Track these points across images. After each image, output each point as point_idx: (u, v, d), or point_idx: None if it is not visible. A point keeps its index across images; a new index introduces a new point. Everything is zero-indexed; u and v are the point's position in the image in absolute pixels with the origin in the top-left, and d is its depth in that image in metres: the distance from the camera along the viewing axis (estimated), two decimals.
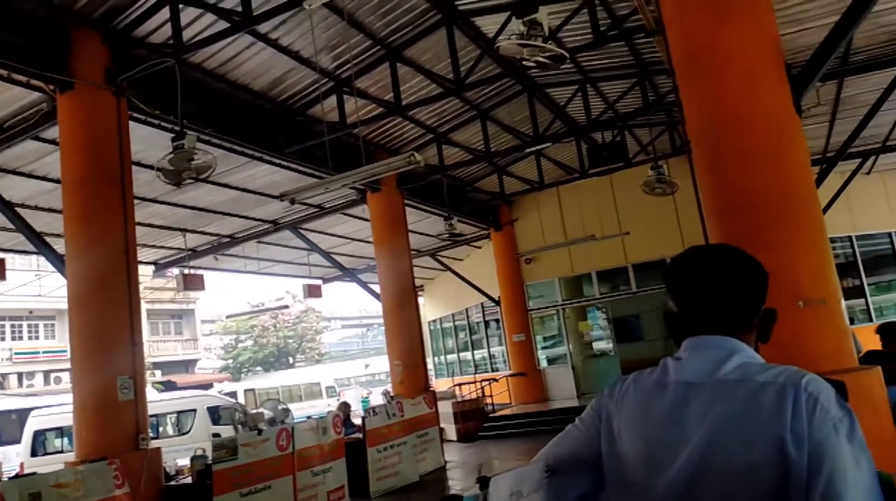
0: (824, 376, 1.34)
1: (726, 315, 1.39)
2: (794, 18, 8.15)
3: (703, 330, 1.41)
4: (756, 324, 1.43)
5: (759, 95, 4.39)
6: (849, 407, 1.25)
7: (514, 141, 13.56)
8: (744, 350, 1.36)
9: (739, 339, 1.39)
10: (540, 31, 5.52)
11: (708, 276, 1.41)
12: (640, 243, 15.27)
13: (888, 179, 15.17)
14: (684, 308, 1.45)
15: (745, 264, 1.43)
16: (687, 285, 1.44)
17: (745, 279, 1.41)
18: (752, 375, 1.30)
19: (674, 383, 1.38)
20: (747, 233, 4.35)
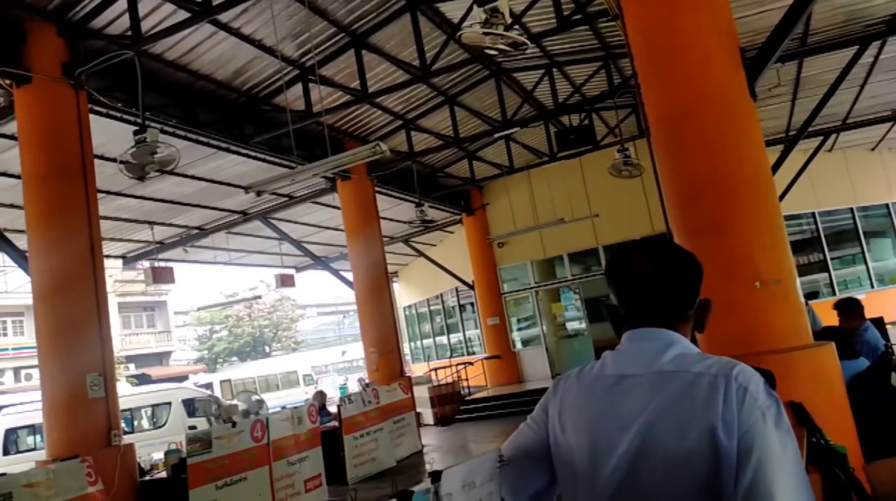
0: (754, 365, 1.42)
1: (663, 308, 1.45)
2: (754, 0, 8.27)
3: (641, 323, 1.47)
4: (692, 315, 1.49)
5: (714, 81, 4.47)
6: (776, 396, 1.33)
7: (483, 126, 13.59)
8: (680, 342, 1.42)
9: (677, 330, 1.45)
10: (501, 18, 5.54)
11: (644, 270, 1.46)
12: (610, 224, 15.44)
13: (849, 155, 15.52)
14: (623, 301, 1.51)
15: (679, 258, 1.49)
16: (625, 279, 1.49)
17: (680, 273, 1.47)
18: (687, 366, 1.36)
19: (614, 375, 1.44)
20: (706, 216, 4.46)
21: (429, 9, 9.47)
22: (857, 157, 15.65)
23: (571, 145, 11.79)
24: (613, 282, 1.53)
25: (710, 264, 4.49)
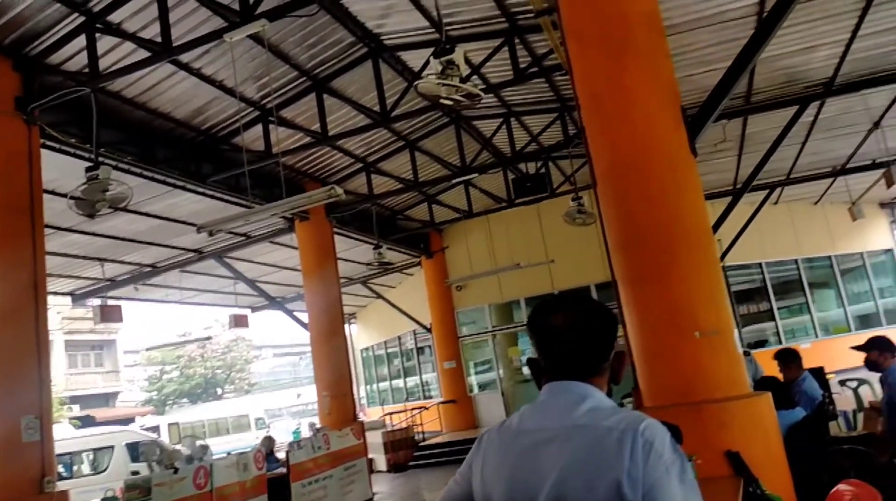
0: (663, 420, 1.47)
1: (579, 361, 1.50)
2: (702, 60, 8.68)
3: (559, 376, 1.51)
4: (607, 368, 1.54)
5: (657, 137, 4.66)
6: (681, 451, 1.38)
7: (442, 171, 13.79)
8: (594, 395, 1.47)
9: (593, 383, 1.50)
10: (456, 70, 5.71)
11: (561, 324, 1.51)
12: (566, 270, 15.67)
13: (794, 209, 16.16)
14: (542, 354, 1.56)
15: (595, 311, 1.54)
16: (543, 332, 1.54)
17: (595, 326, 1.52)
18: (599, 420, 1.40)
19: (531, 430, 1.48)
20: (647, 267, 4.59)
21: (390, 56, 9.67)
22: (801, 210, 16.31)
23: (527, 192, 12.04)
24: (533, 335, 1.58)
25: (651, 314, 4.62)
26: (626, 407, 7.63)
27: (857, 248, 16.91)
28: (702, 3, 7.43)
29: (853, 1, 7.53)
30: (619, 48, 4.76)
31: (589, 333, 1.51)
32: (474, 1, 8.23)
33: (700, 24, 7.87)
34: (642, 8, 4.82)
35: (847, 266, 16.91)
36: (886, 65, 9.00)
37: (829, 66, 9.05)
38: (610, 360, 1.53)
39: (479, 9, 8.46)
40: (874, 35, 8.24)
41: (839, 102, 10.06)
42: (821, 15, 7.77)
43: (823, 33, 8.23)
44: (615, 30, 4.79)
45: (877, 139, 11.29)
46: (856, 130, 11.40)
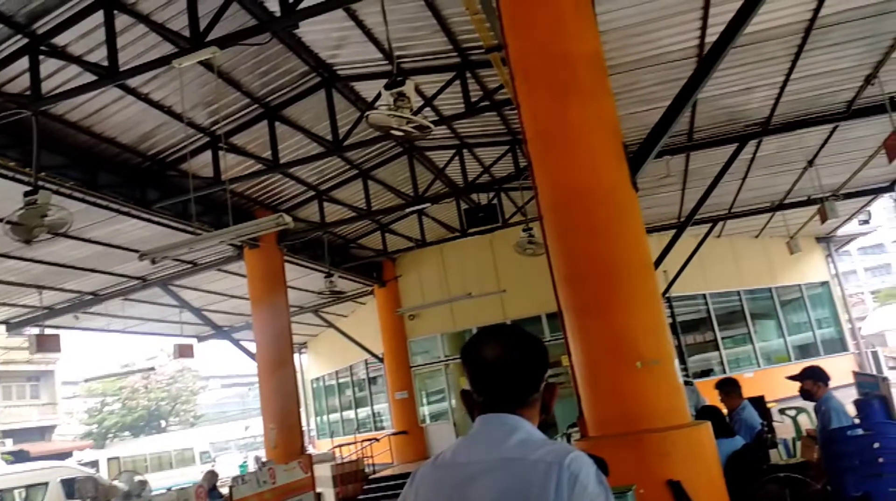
0: (590, 453, 1.50)
1: (509, 393, 1.51)
2: (645, 98, 8.99)
3: (491, 408, 1.53)
4: (537, 399, 1.55)
5: (599, 172, 4.80)
6: (606, 484, 1.40)
7: (396, 200, 13.84)
8: (524, 427, 1.48)
9: (524, 415, 1.51)
10: (407, 103, 5.78)
11: (491, 356, 1.53)
12: (518, 299, 15.80)
13: (735, 242, 16.73)
14: (474, 387, 1.57)
15: (524, 344, 1.55)
16: (475, 364, 1.55)
17: (525, 359, 1.53)
18: (527, 453, 1.41)
19: (462, 463, 1.48)
20: (591, 298, 4.68)
21: (344, 86, 9.73)
22: (742, 243, 16.90)
23: (479, 222, 12.16)
24: (466, 368, 1.59)
25: (594, 344, 4.69)
26: (573, 436, 7.63)
27: (796, 280, 17.57)
28: (644, 44, 7.72)
29: (786, 47, 7.93)
30: (563, 87, 4.91)
31: (518, 365, 1.52)
32: (427, 35, 8.37)
33: (643, 65, 8.16)
34: (586, 48, 4.99)
35: (786, 298, 17.54)
36: (818, 107, 9.49)
37: (766, 106, 9.49)
38: (541, 391, 1.55)
39: (431, 43, 8.61)
40: (806, 79, 8.68)
41: (776, 140, 10.52)
42: (757, 59, 8.16)
43: (760, 76, 8.64)
44: (559, 69, 4.94)
45: (811, 177, 11.83)
46: (792, 168, 11.93)
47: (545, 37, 4.99)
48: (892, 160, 8.56)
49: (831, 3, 6.93)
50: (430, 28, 8.13)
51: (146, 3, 6.90)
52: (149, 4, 6.93)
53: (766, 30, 7.39)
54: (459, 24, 7.97)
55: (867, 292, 50.49)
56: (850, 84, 8.88)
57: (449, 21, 7.99)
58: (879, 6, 7.09)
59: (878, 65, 8.35)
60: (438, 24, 7.96)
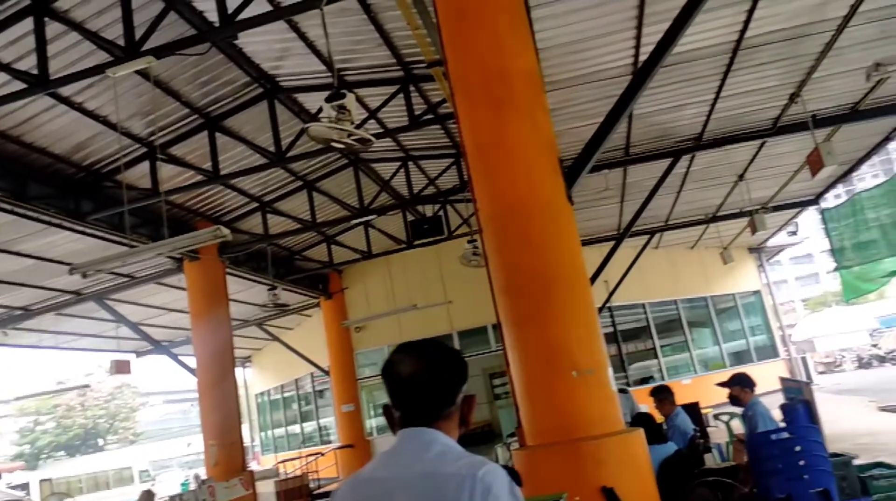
0: (505, 464, 1.55)
1: (426, 407, 1.54)
2: (582, 114, 9.23)
3: (409, 422, 1.56)
4: (454, 412, 1.58)
5: (535, 186, 4.91)
6: (520, 495, 1.45)
7: (341, 211, 13.78)
8: (441, 441, 1.51)
9: (441, 428, 1.54)
10: (348, 115, 5.80)
11: (407, 371, 1.55)
12: (463, 311, 15.91)
13: (672, 252, 17.27)
14: (392, 402, 1.61)
15: (440, 358, 1.59)
16: (392, 379, 1.58)
17: (440, 373, 1.56)
18: (443, 466, 1.44)
19: (382, 478, 1.51)
20: (528, 309, 4.77)
21: (287, 98, 9.68)
22: (679, 254, 17.45)
23: (425, 234, 12.21)
24: (386, 382, 1.62)
25: (531, 355, 4.79)
26: (513, 446, 7.72)
27: (730, 289, 18.25)
28: (581, 61, 7.95)
29: (715, 66, 8.29)
30: (500, 102, 5.01)
31: (432, 379, 1.55)
32: (370, 48, 8.41)
33: (580, 81, 8.40)
34: (522, 65, 5.11)
35: (721, 306, 18.18)
36: (745, 124, 9.93)
37: (698, 123, 9.87)
38: (458, 404, 1.59)
39: (375, 56, 8.65)
40: (734, 97, 9.08)
41: (708, 155, 10.94)
42: (688, 77, 8.49)
43: (691, 93, 8.99)
44: (497, 85, 5.04)
45: (742, 190, 12.34)
46: (723, 182, 12.42)
47: (482, 53, 5.09)
48: (815, 175, 9.02)
49: (756, 25, 7.29)
50: (373, 42, 8.17)
51: (79, 10, 6.73)
52: (82, 12, 6.77)
53: (695, 49, 7.72)
54: (402, 38, 8.04)
55: (798, 300, 52.75)
56: (776, 102, 9.33)
57: (392, 35, 8.06)
58: (799, 29, 7.49)
59: (800, 84, 8.80)
60: (381, 38, 8.02)
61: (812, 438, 4.54)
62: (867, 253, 12.47)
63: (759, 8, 6.89)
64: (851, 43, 7.74)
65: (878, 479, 5.43)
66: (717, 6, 6.60)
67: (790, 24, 7.37)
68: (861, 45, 7.79)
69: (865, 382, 22.66)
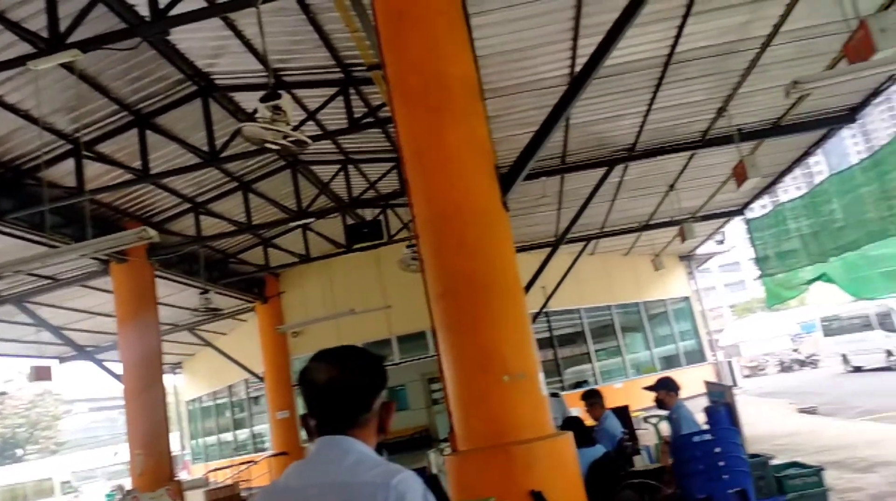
0: (422, 470, 1.55)
1: (340, 415, 1.52)
2: (522, 122, 9.35)
3: (325, 430, 1.54)
4: (370, 419, 1.56)
5: (471, 192, 4.94)
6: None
7: (279, 214, 13.54)
8: (357, 449, 1.49)
9: (358, 436, 1.53)
10: (283, 116, 5.70)
11: (321, 378, 1.54)
12: (403, 315, 15.87)
13: (607, 259, 17.71)
14: (310, 409, 1.58)
15: (353, 365, 1.57)
16: (307, 387, 1.56)
17: (354, 380, 1.55)
18: (358, 475, 1.43)
19: (297, 487, 1.49)
20: (462, 315, 4.79)
21: (222, 96, 9.45)
22: (613, 261, 17.92)
23: (364, 239, 12.13)
24: (302, 390, 1.60)
25: (464, 360, 4.81)
26: (445, 451, 7.72)
27: (661, 295, 18.85)
28: (521, 70, 8.06)
29: (648, 78, 8.55)
30: (438, 107, 5.03)
31: (349, 385, 1.54)
32: (309, 49, 8.31)
33: (520, 90, 8.52)
34: (459, 71, 5.14)
35: (653, 312, 18.76)
36: (676, 136, 10.29)
37: (632, 133, 10.16)
38: (374, 411, 1.57)
39: (314, 57, 8.55)
40: (666, 109, 9.39)
41: (641, 166, 11.28)
42: (623, 89, 8.74)
43: (625, 105, 9.25)
44: (434, 89, 5.06)
45: (672, 200, 12.78)
46: (655, 191, 12.83)
47: (420, 57, 5.10)
48: (740, 186, 9.43)
49: (686, 40, 7.56)
50: (312, 42, 8.07)
51: None
52: (4, 1, 6.43)
53: (630, 62, 7.95)
54: (342, 40, 7.97)
55: (726, 306, 54.94)
56: (704, 115, 9.70)
57: (332, 37, 7.98)
58: (726, 46, 7.82)
59: (727, 99, 9.19)
60: (321, 39, 7.92)
61: (731, 440, 4.72)
62: (788, 262, 13.07)
63: (689, 24, 7.15)
64: (774, 61, 8.13)
65: (793, 478, 5.70)
66: (649, 21, 6.81)
67: (717, 40, 7.68)
68: (783, 63, 8.19)
69: (786, 385, 23.79)
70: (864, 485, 7.17)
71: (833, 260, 11.21)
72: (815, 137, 11.12)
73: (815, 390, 19.82)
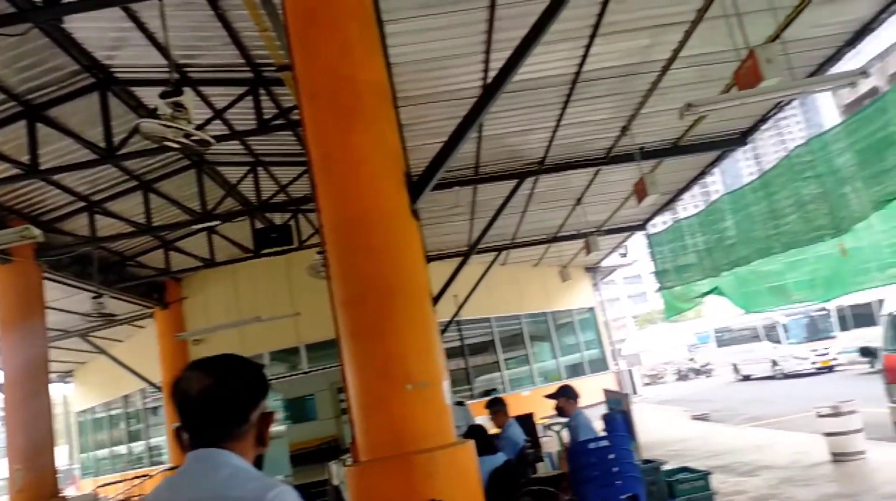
0: (299, 486, 1.50)
1: (213, 427, 1.45)
2: (436, 131, 9.38)
3: (197, 443, 1.46)
4: (247, 431, 1.50)
5: (379, 199, 4.90)
6: None
7: (182, 216, 12.98)
8: (232, 463, 1.42)
9: (234, 449, 1.45)
10: (185, 113, 5.48)
11: (192, 390, 1.46)
12: (313, 323, 15.53)
13: (517, 269, 18.09)
14: (183, 422, 1.50)
15: (233, 373, 1.51)
16: (178, 399, 1.48)
17: (225, 391, 1.48)
18: (230, 490, 1.36)
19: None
20: (367, 322, 4.74)
21: (122, 90, 8.98)
22: (523, 271, 18.32)
23: (272, 244, 11.82)
24: (174, 402, 1.51)
25: (368, 368, 4.75)
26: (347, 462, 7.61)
27: (567, 306, 19.42)
28: (435, 80, 8.11)
29: (557, 95, 8.81)
30: (347, 112, 4.97)
31: (222, 396, 1.47)
32: (217, 46, 8.03)
33: (434, 99, 8.57)
34: (371, 77, 5.11)
35: (560, 322, 19.30)
36: (583, 151, 10.65)
37: (542, 147, 10.43)
38: (252, 422, 1.51)
39: (222, 55, 8.27)
40: (573, 125, 9.70)
41: (550, 179, 11.60)
42: (534, 104, 8.95)
43: (536, 119, 9.48)
44: (345, 94, 5.00)
45: (579, 214, 13.21)
46: (563, 205, 13.22)
47: (331, 60, 5.03)
48: (641, 202, 9.84)
49: (592, 60, 7.84)
50: (220, 39, 7.81)
51: None
52: None
53: (540, 78, 8.15)
54: (252, 38, 7.75)
55: (629, 316, 57.30)
56: (609, 133, 10.09)
57: (241, 35, 7.75)
58: (630, 67, 8.17)
59: (630, 118, 9.59)
60: (229, 36, 7.68)
61: (624, 446, 4.89)
62: (685, 275, 13.77)
63: (595, 44, 7.42)
64: (673, 84, 8.57)
65: (683, 483, 5.98)
66: (558, 39, 7.01)
67: (622, 62, 8.01)
68: (682, 86, 8.64)
69: (683, 393, 25.05)
70: (747, 488, 7.62)
71: (725, 274, 11.89)
72: (710, 157, 11.80)
73: (709, 397, 20.97)
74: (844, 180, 8.37)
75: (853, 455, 8.13)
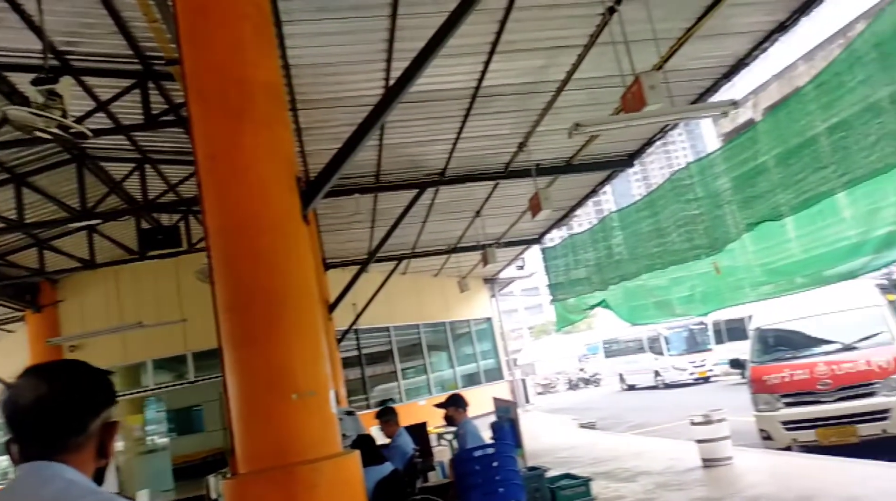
0: (181, 498, 1.41)
1: (48, 438, 1.35)
2: (337, 136, 9.25)
3: (28, 456, 1.35)
4: (85, 442, 1.40)
5: (268, 203, 4.75)
6: None
7: (60, 213, 12.10)
8: (65, 476, 1.33)
9: (69, 461, 1.35)
10: (59, 103, 5.12)
11: (22, 398, 1.36)
12: (202, 329, 14.84)
13: (417, 279, 18.17)
14: (13, 433, 1.38)
15: (70, 380, 1.41)
16: (7, 409, 1.37)
17: (67, 397, 1.39)
18: None
19: None
20: (252, 329, 4.57)
21: None
22: (423, 281, 18.43)
23: (159, 245, 11.24)
24: (4, 412, 1.39)
25: (251, 377, 4.57)
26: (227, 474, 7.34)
27: (466, 316, 19.70)
28: (336, 84, 8.02)
29: (458, 108, 8.94)
30: (237, 112, 4.79)
31: (54, 405, 1.37)
32: (103, 35, 7.55)
33: (336, 104, 8.47)
34: (264, 77, 4.96)
35: (458, 332, 19.53)
36: (483, 165, 10.87)
37: (443, 159, 10.55)
38: (91, 433, 1.41)
39: (108, 44, 7.79)
40: (473, 139, 9.88)
41: (451, 191, 11.75)
42: (436, 115, 9.05)
43: (437, 131, 9.59)
44: (235, 93, 4.82)
45: (478, 226, 13.44)
46: (463, 216, 13.42)
47: (221, 58, 4.84)
48: (535, 216, 10.14)
49: (491, 76, 8.03)
50: (106, 28, 7.36)
51: None
52: None
53: (441, 90, 8.25)
54: (141, 29, 7.37)
55: (526, 327, 58.85)
56: (508, 149, 10.35)
57: (129, 24, 7.34)
58: (527, 86, 8.43)
59: (527, 135, 9.89)
60: (116, 25, 7.26)
61: (507, 453, 4.98)
62: (577, 289, 14.31)
63: (494, 61, 7.60)
64: (567, 105, 8.92)
65: (565, 489, 6.18)
66: (458, 53, 7.13)
67: (519, 80, 8.25)
68: (574, 107, 9.01)
69: (573, 402, 25.94)
70: (626, 493, 7.96)
71: (612, 288, 12.45)
72: (601, 177, 12.36)
73: (596, 406, 21.82)
74: (720, 203, 9.00)
75: (721, 460, 8.68)
